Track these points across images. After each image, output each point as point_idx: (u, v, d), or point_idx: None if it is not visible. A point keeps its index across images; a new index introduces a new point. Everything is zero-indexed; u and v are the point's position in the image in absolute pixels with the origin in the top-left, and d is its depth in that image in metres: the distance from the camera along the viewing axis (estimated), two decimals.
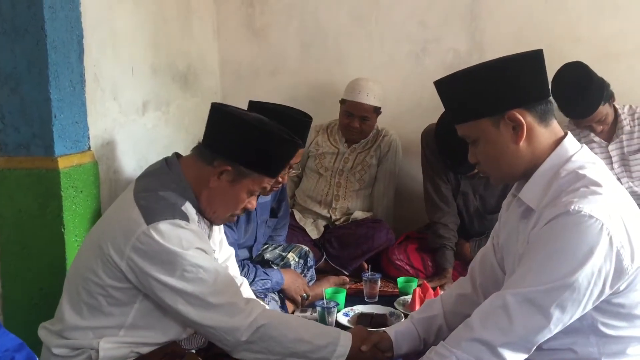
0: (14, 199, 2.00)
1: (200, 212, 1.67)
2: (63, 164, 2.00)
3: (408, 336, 1.64)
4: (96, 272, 1.54)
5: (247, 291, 2.01)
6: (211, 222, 1.72)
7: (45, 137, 1.98)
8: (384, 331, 1.67)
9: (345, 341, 1.56)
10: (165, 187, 1.59)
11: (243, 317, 1.52)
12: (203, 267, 1.51)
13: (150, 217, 1.50)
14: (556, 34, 3.26)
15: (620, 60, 3.24)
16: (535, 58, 1.38)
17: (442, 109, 2.82)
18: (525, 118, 1.35)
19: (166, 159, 1.69)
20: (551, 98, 1.42)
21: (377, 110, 3.22)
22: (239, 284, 1.97)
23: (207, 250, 1.57)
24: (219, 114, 1.66)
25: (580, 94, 2.73)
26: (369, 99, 3.15)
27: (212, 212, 1.68)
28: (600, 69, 2.84)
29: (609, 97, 2.84)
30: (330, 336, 1.57)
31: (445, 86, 1.45)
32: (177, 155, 1.72)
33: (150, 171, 1.69)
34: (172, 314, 1.56)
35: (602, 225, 1.22)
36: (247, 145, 1.60)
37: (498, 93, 1.36)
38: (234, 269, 2.00)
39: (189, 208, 1.60)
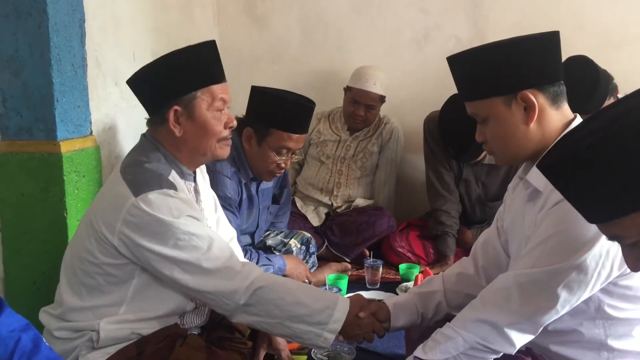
0: (16, 183, 1.99)
1: (184, 174, 1.66)
2: (65, 148, 1.99)
3: (406, 309, 1.64)
4: (91, 252, 1.54)
5: None
6: (212, 157, 1.69)
7: (47, 121, 1.97)
8: (383, 302, 1.67)
9: (342, 306, 1.55)
10: (149, 160, 1.59)
11: (240, 279, 1.51)
12: (196, 234, 1.50)
13: (138, 189, 1.49)
14: (559, 21, 3.24)
15: (623, 48, 3.24)
16: (551, 39, 1.36)
17: (444, 97, 2.87)
18: (538, 99, 1.34)
19: (144, 135, 1.69)
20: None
21: (382, 99, 3.22)
22: None
23: (198, 217, 1.56)
24: (135, 82, 1.67)
25: (589, 92, 2.71)
26: (376, 87, 3.14)
27: (201, 154, 1.65)
28: (602, 57, 2.83)
29: (614, 91, 2.83)
30: (328, 300, 1.56)
31: (458, 62, 1.43)
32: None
33: (133, 149, 1.69)
34: (171, 283, 1.55)
35: None
36: (168, 79, 1.60)
37: (511, 72, 1.34)
38: (236, 251, 1.99)
39: (175, 177, 1.60)
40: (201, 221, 1.57)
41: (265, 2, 3.62)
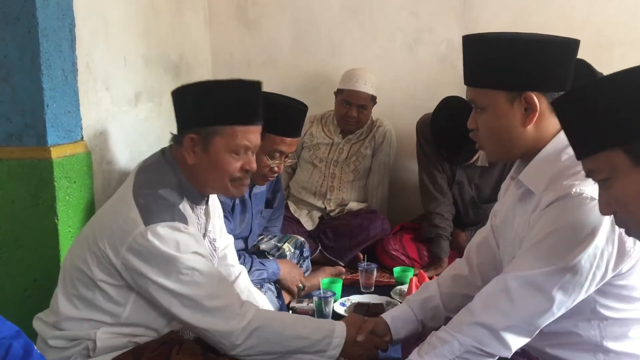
0: (6, 189, 1.97)
1: (196, 199, 1.64)
2: (56, 153, 1.97)
3: (405, 319, 1.62)
4: (89, 266, 1.53)
5: (245, 280, 2.00)
6: (223, 194, 1.67)
7: (37, 127, 1.95)
8: (380, 317, 1.65)
9: (340, 332, 1.56)
10: (164, 184, 1.56)
11: (237, 320, 1.51)
12: (199, 270, 1.49)
13: (149, 218, 1.47)
14: (549, 23, 3.26)
15: (613, 50, 3.25)
16: (570, 47, 1.34)
17: (436, 100, 2.87)
18: (540, 103, 1.32)
19: (163, 150, 1.67)
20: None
21: (373, 99, 3.22)
22: (237, 273, 1.96)
23: (204, 255, 1.55)
24: (174, 96, 1.66)
25: None
26: (367, 87, 3.15)
27: (210, 187, 1.64)
28: (593, 59, 2.82)
29: None
30: (325, 329, 1.57)
31: (473, 44, 1.38)
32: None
33: (149, 164, 1.65)
34: (166, 313, 1.55)
35: None
36: (197, 105, 1.58)
37: (523, 70, 1.31)
38: (232, 257, 1.98)
39: (186, 207, 1.58)
40: (206, 258, 1.56)
41: (257, 6, 3.61)
